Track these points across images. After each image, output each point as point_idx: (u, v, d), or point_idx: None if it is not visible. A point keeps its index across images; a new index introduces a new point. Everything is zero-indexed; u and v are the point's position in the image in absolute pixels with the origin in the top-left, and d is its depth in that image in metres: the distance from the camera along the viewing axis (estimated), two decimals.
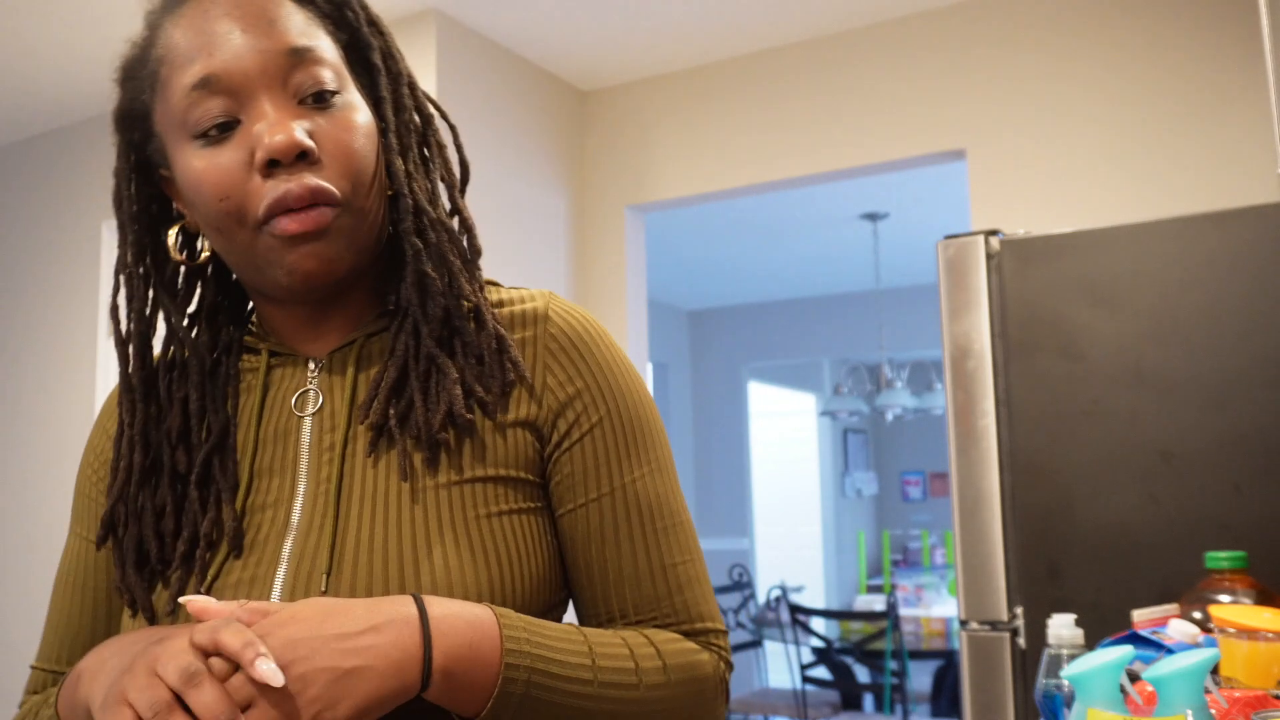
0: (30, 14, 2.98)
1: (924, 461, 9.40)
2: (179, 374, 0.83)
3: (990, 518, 2.02)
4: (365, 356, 0.81)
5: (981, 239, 2.08)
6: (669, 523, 0.81)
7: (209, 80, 0.73)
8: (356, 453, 0.77)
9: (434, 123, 0.85)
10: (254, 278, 0.78)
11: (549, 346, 0.81)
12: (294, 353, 0.83)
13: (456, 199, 0.84)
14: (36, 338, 3.74)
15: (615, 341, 0.85)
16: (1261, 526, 1.82)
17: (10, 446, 3.75)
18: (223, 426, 0.80)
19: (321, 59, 0.76)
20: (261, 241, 0.74)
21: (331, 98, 0.76)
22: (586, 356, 0.81)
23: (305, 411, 0.80)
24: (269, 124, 0.73)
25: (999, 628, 2.00)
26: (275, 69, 0.74)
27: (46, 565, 3.57)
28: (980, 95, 3.06)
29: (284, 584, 0.72)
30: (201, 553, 0.75)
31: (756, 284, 6.99)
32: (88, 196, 3.69)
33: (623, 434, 0.81)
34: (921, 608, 6.19)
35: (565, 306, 0.84)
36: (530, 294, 0.85)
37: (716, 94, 3.50)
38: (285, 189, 0.72)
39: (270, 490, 0.77)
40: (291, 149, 0.72)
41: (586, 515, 0.79)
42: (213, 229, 0.76)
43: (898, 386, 5.95)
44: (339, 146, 0.75)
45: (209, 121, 0.74)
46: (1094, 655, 0.82)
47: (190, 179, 0.75)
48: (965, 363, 2.07)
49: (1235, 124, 2.72)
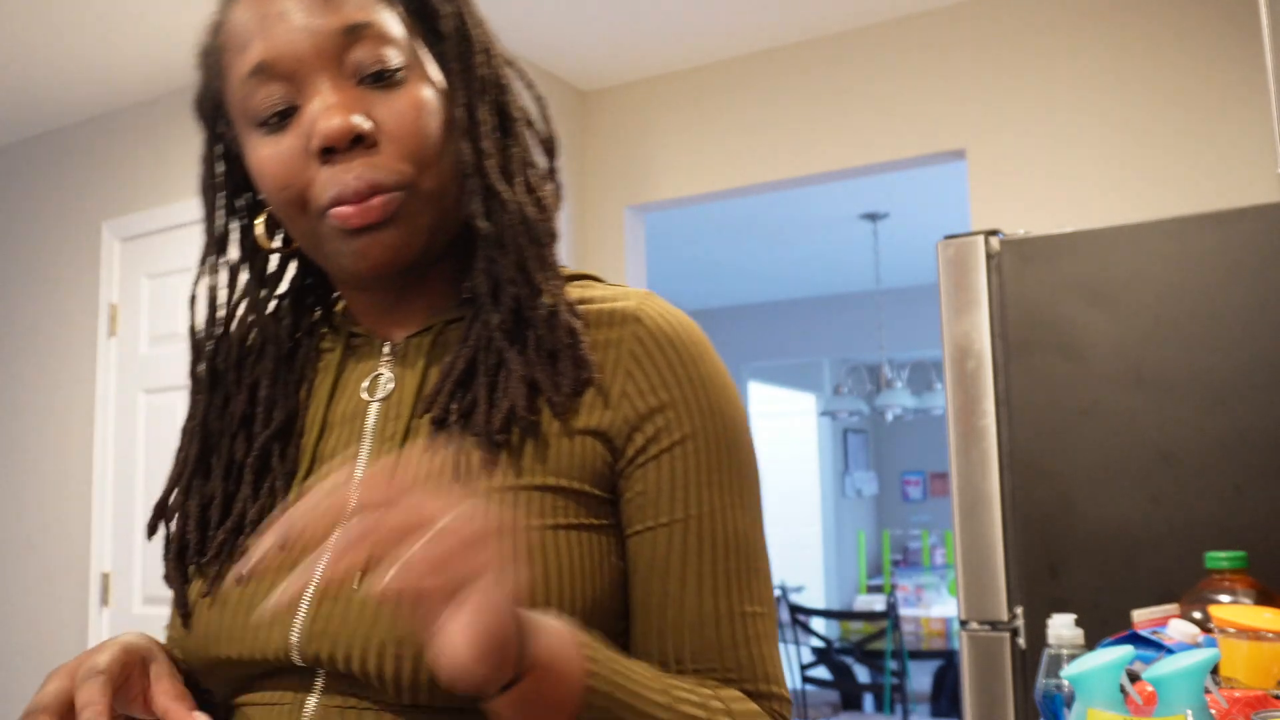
0: (30, 14, 2.98)
1: (924, 461, 9.40)
2: (254, 359, 0.80)
3: (990, 518, 2.02)
4: (440, 344, 0.77)
5: (981, 239, 2.08)
6: (748, 565, 0.72)
7: (263, 66, 0.70)
8: (418, 445, 0.73)
9: (511, 94, 0.78)
10: (325, 264, 0.75)
11: (634, 350, 0.73)
12: (372, 336, 0.79)
13: (533, 179, 0.77)
14: (36, 338, 3.74)
15: (715, 353, 0.77)
16: (1261, 526, 1.82)
17: (10, 446, 3.75)
18: (288, 414, 0.77)
19: (382, 34, 0.71)
20: (325, 229, 0.71)
21: (394, 75, 0.71)
22: (678, 365, 0.73)
23: (375, 396, 0.77)
24: (323, 109, 0.69)
25: (999, 628, 2.00)
26: (330, 49, 0.70)
27: (46, 564, 3.57)
28: (980, 95, 3.06)
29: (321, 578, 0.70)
30: (243, 539, 0.72)
31: (756, 284, 6.99)
32: (88, 196, 3.69)
33: (711, 456, 0.72)
34: (921, 608, 6.19)
35: (661, 308, 0.76)
36: (626, 292, 0.77)
37: (716, 94, 3.50)
38: (342, 184, 0.69)
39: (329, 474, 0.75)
40: (345, 134, 0.68)
41: (654, 540, 0.71)
42: (282, 217, 0.74)
43: (898, 386, 5.95)
44: (401, 127, 0.70)
45: (268, 109, 0.71)
46: (1094, 655, 0.82)
47: (255, 168, 0.73)
48: (965, 363, 2.07)
49: (1235, 124, 2.72)
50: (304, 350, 0.81)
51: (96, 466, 3.47)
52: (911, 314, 6.92)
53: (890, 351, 7.08)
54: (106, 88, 3.49)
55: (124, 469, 3.42)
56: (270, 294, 0.82)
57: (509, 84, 0.78)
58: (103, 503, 3.44)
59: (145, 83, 3.46)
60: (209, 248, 0.80)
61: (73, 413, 3.59)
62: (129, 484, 3.40)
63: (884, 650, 4.70)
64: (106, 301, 3.55)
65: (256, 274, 0.81)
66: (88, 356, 3.57)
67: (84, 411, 3.56)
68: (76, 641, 3.44)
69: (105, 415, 3.49)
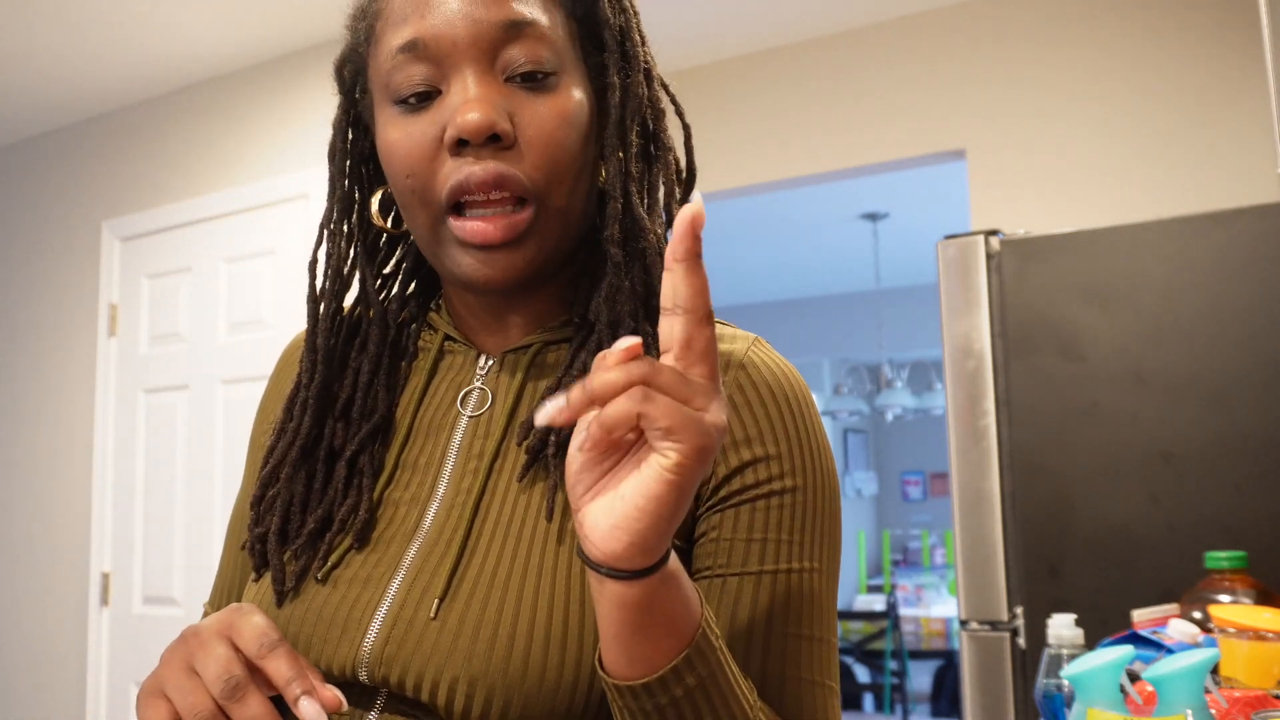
0: (30, 14, 2.98)
1: (924, 461, 9.41)
2: (360, 342, 0.78)
3: (990, 518, 2.02)
4: (539, 364, 0.74)
5: (981, 239, 2.08)
6: (818, 634, 0.68)
7: (415, 44, 0.67)
8: (504, 469, 0.70)
9: (664, 120, 0.75)
10: (438, 265, 0.72)
11: (734, 398, 0.69)
12: (469, 343, 0.77)
13: (673, 210, 0.73)
14: (36, 338, 3.74)
15: (816, 407, 0.73)
16: (1261, 526, 1.82)
17: (10, 446, 3.75)
18: (385, 409, 0.75)
19: (542, 35, 0.68)
20: (444, 232, 0.69)
21: (545, 79, 0.68)
22: (783, 417, 0.69)
23: (466, 410, 0.74)
24: (465, 100, 0.66)
25: (999, 628, 2.00)
26: (487, 41, 0.67)
27: (46, 563, 3.57)
28: (980, 95, 3.06)
29: (395, 598, 0.66)
30: (331, 536, 0.70)
31: (756, 284, 6.99)
32: (88, 196, 3.69)
33: (804, 516, 0.68)
34: (921, 608, 6.19)
35: (769, 356, 0.72)
36: (734, 334, 0.74)
37: (715, 94, 3.50)
38: (469, 172, 0.66)
39: (410, 485, 0.72)
40: (483, 130, 0.65)
41: (724, 587, 0.66)
42: (401, 204, 0.71)
43: (898, 386, 5.96)
44: (541, 134, 0.67)
45: (409, 89, 0.68)
46: (1094, 655, 0.82)
47: (384, 147, 0.70)
48: (965, 363, 2.07)
49: (1235, 124, 2.72)
50: (405, 341, 0.79)
51: (96, 466, 3.47)
52: (911, 314, 6.92)
53: (890, 351, 7.08)
54: (106, 88, 3.49)
55: (124, 469, 3.42)
56: (379, 274, 0.80)
57: (663, 109, 0.75)
58: (103, 503, 3.44)
59: (146, 82, 3.46)
60: (330, 214, 0.78)
61: (73, 413, 3.59)
62: (129, 484, 3.40)
63: (884, 650, 4.70)
64: (106, 301, 3.55)
65: (367, 251, 0.79)
66: (88, 356, 3.57)
67: (84, 411, 3.56)
68: (76, 641, 3.44)
69: (105, 415, 3.48)
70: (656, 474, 0.51)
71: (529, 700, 0.61)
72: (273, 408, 0.84)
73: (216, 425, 3.22)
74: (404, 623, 0.65)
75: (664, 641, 0.56)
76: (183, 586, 3.22)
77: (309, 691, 0.59)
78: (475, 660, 0.62)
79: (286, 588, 0.69)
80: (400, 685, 0.64)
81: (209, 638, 0.60)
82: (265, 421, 0.85)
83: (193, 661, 0.59)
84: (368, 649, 0.65)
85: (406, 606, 0.65)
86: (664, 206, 0.73)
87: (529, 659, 0.62)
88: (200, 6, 2.98)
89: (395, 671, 0.64)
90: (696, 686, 0.58)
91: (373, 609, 0.66)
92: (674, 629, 0.57)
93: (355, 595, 0.67)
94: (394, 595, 0.66)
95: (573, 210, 0.70)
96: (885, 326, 6.70)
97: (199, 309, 3.32)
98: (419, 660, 0.63)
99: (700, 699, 0.58)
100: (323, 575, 0.69)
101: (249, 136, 3.30)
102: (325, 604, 0.67)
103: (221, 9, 3.00)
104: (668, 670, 0.57)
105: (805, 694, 0.66)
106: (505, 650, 0.62)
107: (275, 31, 3.14)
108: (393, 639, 0.64)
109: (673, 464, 0.51)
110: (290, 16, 3.05)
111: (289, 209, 3.13)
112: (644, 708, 0.58)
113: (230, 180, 3.31)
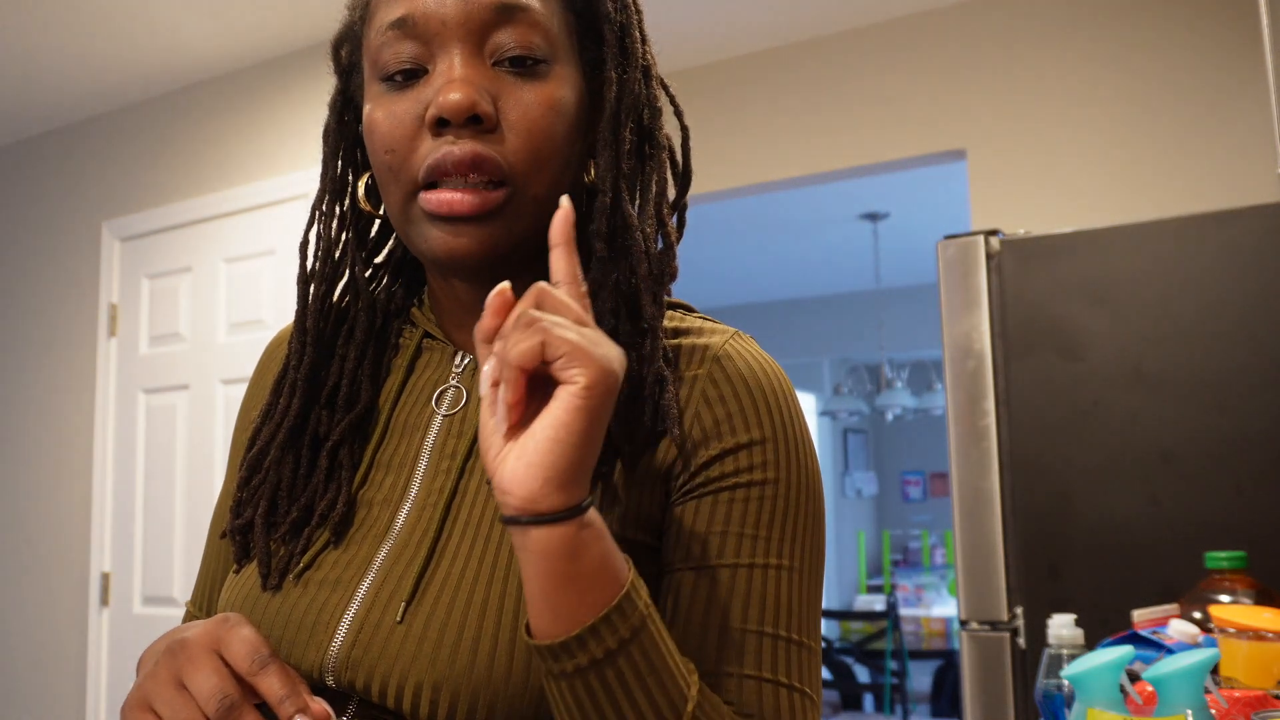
0: (31, 14, 2.98)
1: (924, 461, 9.40)
2: (347, 329, 0.77)
3: (990, 518, 2.02)
4: None
5: (981, 239, 2.08)
6: (791, 636, 0.64)
7: (405, 21, 0.67)
8: (476, 469, 0.69)
9: (660, 119, 0.74)
10: (410, 244, 0.71)
11: (706, 391, 0.67)
12: (446, 339, 0.76)
13: (664, 210, 0.72)
14: (36, 338, 3.74)
15: (799, 403, 0.71)
16: (1261, 526, 1.82)
17: (10, 446, 3.75)
18: (367, 401, 0.74)
19: (535, 22, 0.67)
20: (413, 209, 0.68)
21: (535, 66, 0.67)
22: (755, 409, 0.67)
23: (441, 409, 0.73)
24: (448, 80, 0.66)
25: (999, 628, 2.00)
26: (477, 22, 0.66)
27: (46, 564, 3.57)
28: (980, 95, 3.06)
29: (362, 601, 0.65)
30: (310, 530, 0.70)
31: (756, 284, 6.99)
32: (88, 196, 3.69)
33: (779, 511, 0.66)
34: (921, 608, 6.19)
35: (748, 349, 0.71)
36: (714, 328, 0.73)
37: (715, 94, 3.50)
38: (446, 150, 0.65)
39: (384, 486, 0.71)
40: (463, 110, 0.64)
41: (689, 580, 0.64)
42: (379, 181, 0.71)
43: (898, 386, 5.96)
44: (525, 119, 0.66)
45: (396, 65, 0.68)
46: (1094, 655, 0.82)
47: (368, 123, 0.70)
48: (965, 363, 2.07)
49: (1235, 124, 2.72)
50: (390, 334, 0.79)
51: (96, 466, 3.47)
52: (911, 314, 6.92)
53: (890, 351, 7.08)
54: (106, 88, 3.49)
55: (124, 469, 3.42)
56: (369, 263, 0.79)
57: (660, 108, 0.74)
58: (103, 503, 3.44)
59: (145, 82, 3.46)
60: (322, 196, 0.77)
61: (73, 413, 3.59)
62: (129, 484, 3.40)
63: (884, 650, 4.70)
64: (106, 301, 3.55)
65: (358, 237, 0.78)
66: (88, 356, 3.57)
67: (84, 411, 3.56)
68: (76, 641, 3.44)
69: (105, 415, 3.49)
70: (564, 402, 0.53)
71: (495, 703, 0.61)
72: (254, 404, 0.84)
73: (216, 425, 3.22)
74: (370, 627, 0.64)
75: (589, 595, 0.55)
76: (183, 587, 3.22)
77: (303, 710, 0.58)
78: (440, 664, 0.61)
79: (272, 575, 0.69)
80: (367, 690, 0.63)
81: (197, 652, 0.59)
82: (247, 418, 0.84)
83: (182, 676, 0.58)
84: (334, 653, 0.64)
85: (374, 610, 0.65)
86: (655, 206, 0.71)
87: (494, 662, 0.61)
88: (200, 6, 2.98)
89: (361, 676, 0.63)
90: (619, 649, 0.56)
91: (340, 612, 0.66)
92: (600, 582, 0.56)
93: (324, 598, 0.67)
94: (361, 599, 0.66)
95: (550, 202, 0.68)
96: (885, 326, 6.69)
97: (199, 309, 3.32)
98: (384, 665, 0.62)
99: (624, 664, 0.56)
100: (296, 575, 0.68)
101: (249, 136, 3.30)
102: (295, 606, 0.67)
103: (221, 9, 3.00)
104: (587, 627, 0.55)
105: (768, 694, 0.63)
106: (470, 653, 0.62)
107: (274, 32, 3.14)
108: (359, 643, 0.64)
109: (580, 387, 0.53)
110: (289, 17, 3.05)
111: (289, 209, 3.14)
112: (564, 669, 0.56)
113: (230, 180, 3.31)
